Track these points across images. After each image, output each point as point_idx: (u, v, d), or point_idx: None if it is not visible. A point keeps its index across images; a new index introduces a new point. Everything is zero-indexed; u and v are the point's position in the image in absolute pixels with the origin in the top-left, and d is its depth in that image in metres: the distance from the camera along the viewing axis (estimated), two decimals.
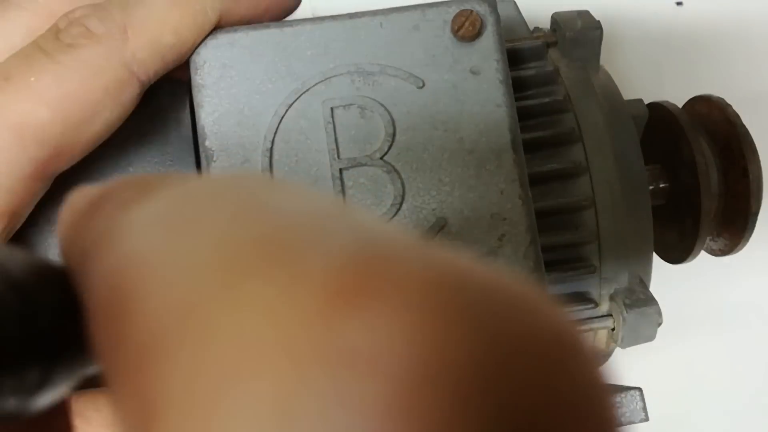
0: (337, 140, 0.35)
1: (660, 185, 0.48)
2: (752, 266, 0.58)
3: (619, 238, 0.42)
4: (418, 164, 0.34)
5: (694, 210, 0.46)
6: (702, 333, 0.61)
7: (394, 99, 0.35)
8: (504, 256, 0.34)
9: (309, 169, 0.34)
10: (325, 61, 0.35)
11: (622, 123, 0.44)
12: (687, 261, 0.48)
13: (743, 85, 0.59)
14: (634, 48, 0.59)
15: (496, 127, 0.35)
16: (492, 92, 0.35)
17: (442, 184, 0.34)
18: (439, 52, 0.35)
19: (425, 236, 0.34)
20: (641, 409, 0.41)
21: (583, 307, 0.42)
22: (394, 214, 0.34)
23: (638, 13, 0.59)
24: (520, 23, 0.46)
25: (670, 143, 0.47)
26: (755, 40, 0.61)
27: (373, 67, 0.35)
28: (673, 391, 0.59)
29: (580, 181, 0.42)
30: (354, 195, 0.34)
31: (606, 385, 0.12)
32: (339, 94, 0.35)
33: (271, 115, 0.35)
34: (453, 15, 0.35)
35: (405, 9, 0.36)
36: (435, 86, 0.35)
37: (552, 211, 0.41)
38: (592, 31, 0.43)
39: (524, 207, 0.34)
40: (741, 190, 0.46)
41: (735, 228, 0.47)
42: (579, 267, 0.42)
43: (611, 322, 0.43)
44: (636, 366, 0.52)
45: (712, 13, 0.60)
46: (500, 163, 0.34)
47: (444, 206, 0.34)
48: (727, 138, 0.47)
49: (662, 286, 0.46)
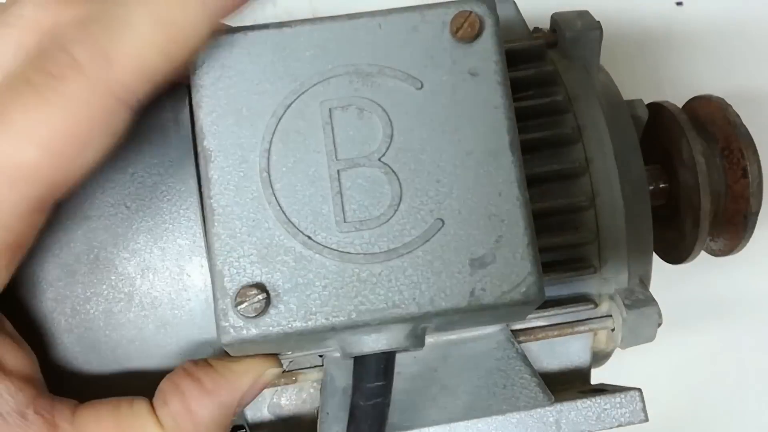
0: (335, 141, 0.35)
1: (660, 185, 0.48)
2: (752, 266, 0.58)
3: (619, 239, 0.42)
4: (416, 165, 0.34)
5: (694, 210, 0.46)
6: (702, 333, 0.61)
7: (393, 100, 0.35)
8: (501, 258, 0.34)
9: (307, 170, 0.34)
10: (324, 61, 0.35)
11: (622, 123, 0.44)
12: (687, 261, 0.48)
13: (743, 85, 0.59)
14: (634, 48, 0.59)
15: (494, 128, 0.35)
16: (490, 94, 0.35)
17: (440, 186, 0.34)
18: (438, 53, 0.35)
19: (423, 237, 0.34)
20: (641, 410, 0.41)
21: (583, 307, 0.42)
22: (392, 215, 0.34)
23: (638, 13, 0.59)
24: (520, 23, 0.46)
25: (670, 143, 0.47)
26: (755, 40, 0.61)
27: (371, 68, 0.35)
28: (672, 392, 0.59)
29: (580, 181, 0.42)
30: (352, 196, 0.34)
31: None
32: (337, 94, 0.35)
33: (269, 115, 0.35)
34: (452, 16, 0.35)
35: (404, 10, 0.36)
36: (433, 87, 0.35)
37: (552, 212, 0.42)
38: (592, 31, 0.44)
39: (522, 208, 0.34)
40: (741, 190, 0.46)
41: (735, 228, 0.47)
42: (579, 267, 0.42)
43: (611, 322, 0.43)
44: (636, 366, 0.52)
45: (712, 13, 0.60)
46: (498, 165, 0.34)
47: (442, 207, 0.34)
48: (727, 138, 0.47)
49: (662, 286, 0.46)
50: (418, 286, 0.34)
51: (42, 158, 0.31)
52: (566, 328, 0.43)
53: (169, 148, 0.38)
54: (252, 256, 0.34)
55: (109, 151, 0.33)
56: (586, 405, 0.41)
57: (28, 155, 0.31)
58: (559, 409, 0.40)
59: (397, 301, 0.34)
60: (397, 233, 0.34)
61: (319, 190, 0.34)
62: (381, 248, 0.34)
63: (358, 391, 0.37)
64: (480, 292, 0.34)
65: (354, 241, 0.34)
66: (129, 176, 0.38)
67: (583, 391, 0.42)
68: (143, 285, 0.37)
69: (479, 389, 0.41)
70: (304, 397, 0.42)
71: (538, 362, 0.43)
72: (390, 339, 0.35)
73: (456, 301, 0.34)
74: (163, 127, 0.38)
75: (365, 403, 0.37)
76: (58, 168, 0.32)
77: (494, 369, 0.41)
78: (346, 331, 0.34)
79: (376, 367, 0.37)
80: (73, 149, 0.32)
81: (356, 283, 0.34)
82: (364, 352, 0.36)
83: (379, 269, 0.34)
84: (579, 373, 0.44)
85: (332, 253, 0.34)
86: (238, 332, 0.33)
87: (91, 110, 0.31)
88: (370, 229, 0.34)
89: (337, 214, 0.34)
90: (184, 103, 0.39)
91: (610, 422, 0.41)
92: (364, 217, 0.34)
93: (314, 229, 0.34)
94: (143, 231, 0.37)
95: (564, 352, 0.44)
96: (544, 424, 0.40)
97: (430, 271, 0.34)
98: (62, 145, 0.31)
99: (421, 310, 0.34)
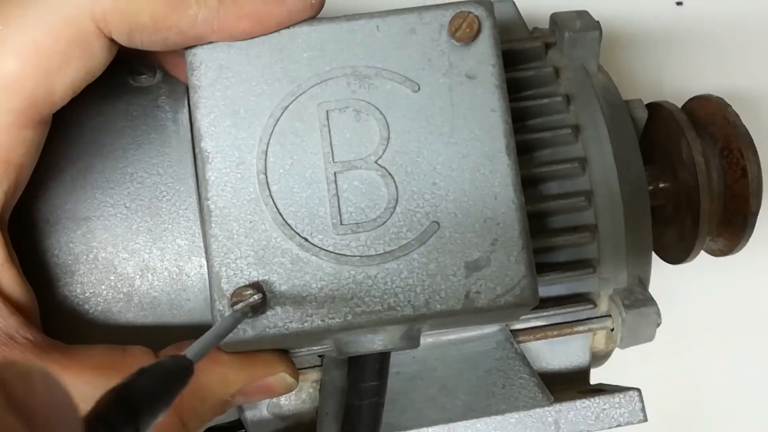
0: (332, 143, 0.35)
1: (660, 185, 0.48)
2: (752, 266, 0.58)
3: (618, 239, 0.42)
4: (412, 168, 0.35)
5: (693, 210, 0.46)
6: (701, 333, 0.61)
7: (390, 102, 0.35)
8: (496, 261, 0.34)
9: (304, 172, 0.35)
10: (322, 63, 0.35)
11: (622, 123, 0.44)
12: (687, 261, 0.48)
13: (743, 85, 0.59)
14: (634, 48, 0.59)
15: (490, 131, 0.35)
16: (487, 97, 0.35)
17: (436, 188, 0.34)
18: (435, 55, 0.35)
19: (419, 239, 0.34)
20: (640, 410, 0.41)
21: (582, 307, 0.42)
22: (388, 218, 0.34)
23: (638, 13, 0.59)
24: (520, 23, 0.46)
25: (669, 143, 0.47)
26: (755, 40, 0.61)
27: (369, 70, 0.35)
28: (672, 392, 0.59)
29: (579, 181, 0.42)
30: (348, 198, 0.34)
31: None
32: (335, 96, 0.35)
33: (266, 117, 0.35)
34: (450, 18, 0.35)
35: (402, 12, 0.36)
36: (430, 90, 0.35)
37: (551, 212, 0.42)
38: (591, 32, 0.43)
39: (518, 211, 0.34)
40: (740, 190, 0.46)
41: (735, 228, 0.47)
42: (578, 267, 0.42)
43: (610, 322, 0.43)
44: (635, 366, 0.52)
45: (712, 13, 0.60)
46: (494, 168, 0.34)
47: (437, 210, 0.34)
48: (727, 138, 0.46)
49: (662, 286, 0.46)
50: (413, 288, 0.34)
51: (23, 70, 0.32)
52: (565, 328, 0.43)
53: (169, 148, 0.38)
54: (249, 257, 0.34)
55: (89, 76, 0.34)
56: (585, 405, 0.41)
57: (8, 66, 0.32)
58: (558, 409, 0.40)
59: (393, 304, 0.34)
60: (393, 236, 0.34)
61: (315, 192, 0.34)
62: (377, 251, 0.34)
63: (353, 391, 0.37)
64: (475, 295, 0.34)
65: (350, 244, 0.34)
66: (128, 176, 0.38)
67: (582, 391, 0.42)
68: (142, 285, 0.37)
69: (478, 389, 0.41)
70: (304, 397, 0.42)
71: (537, 362, 0.43)
72: (385, 340, 0.35)
73: (451, 303, 0.34)
74: (162, 127, 0.39)
75: (360, 402, 0.37)
76: (39, 81, 0.33)
77: (493, 369, 0.41)
78: (342, 332, 0.34)
79: (371, 367, 0.37)
80: (53, 63, 0.33)
81: (352, 285, 0.34)
82: (360, 353, 0.36)
83: (375, 271, 0.34)
84: (578, 373, 0.44)
85: (328, 255, 0.34)
86: (234, 334, 0.33)
87: (70, 28, 0.32)
88: (366, 232, 0.34)
89: (334, 217, 0.34)
90: (183, 103, 0.39)
91: (609, 422, 0.41)
92: (360, 219, 0.34)
93: (311, 231, 0.34)
94: (142, 231, 0.38)
95: (563, 352, 0.43)
96: (543, 424, 0.40)
97: (425, 274, 0.34)
98: (41, 58, 0.32)
99: (416, 313, 0.34)
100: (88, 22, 0.33)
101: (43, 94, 0.33)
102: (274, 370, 0.37)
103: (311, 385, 0.42)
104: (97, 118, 0.38)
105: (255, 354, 0.37)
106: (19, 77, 0.32)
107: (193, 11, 0.33)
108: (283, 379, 0.37)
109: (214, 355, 0.36)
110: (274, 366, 0.37)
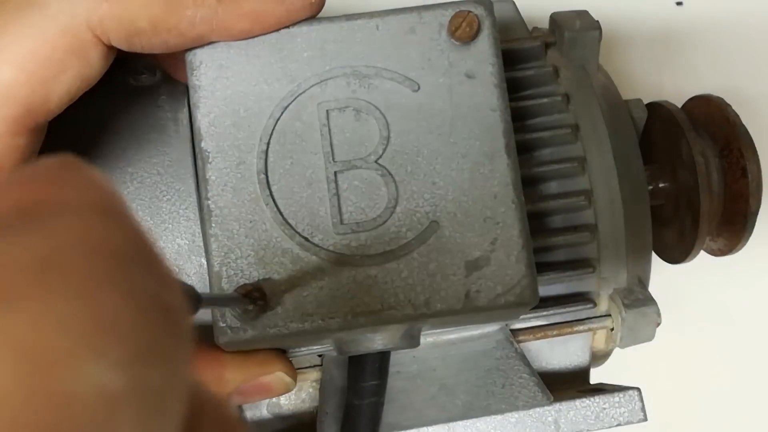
0: (332, 143, 0.35)
1: (660, 185, 0.47)
2: (752, 266, 0.58)
3: (618, 238, 0.42)
4: (412, 167, 0.35)
5: (693, 210, 0.46)
6: (701, 333, 0.61)
7: (390, 102, 0.35)
8: (496, 260, 0.34)
9: (304, 172, 0.35)
10: (321, 63, 0.35)
11: (622, 123, 0.44)
12: (687, 261, 0.48)
13: (743, 85, 0.59)
14: (634, 48, 0.59)
15: (490, 131, 0.35)
16: (487, 96, 0.35)
17: (436, 188, 0.34)
18: (435, 55, 0.35)
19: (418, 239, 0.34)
20: (640, 409, 0.41)
21: (582, 307, 0.42)
22: (388, 218, 0.34)
23: (638, 13, 0.59)
24: (519, 23, 0.46)
25: (669, 143, 0.47)
26: (755, 40, 0.61)
27: (368, 70, 0.35)
28: (672, 391, 0.59)
29: (579, 181, 0.42)
30: (348, 198, 0.34)
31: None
32: (334, 96, 0.35)
33: (266, 116, 0.35)
34: (449, 17, 0.35)
35: (401, 11, 0.36)
36: (430, 90, 0.35)
37: (551, 212, 0.42)
38: (591, 31, 0.43)
39: (517, 211, 0.34)
40: (740, 190, 0.46)
41: (734, 228, 0.47)
42: (578, 267, 0.42)
43: (610, 322, 0.43)
44: (635, 366, 0.52)
45: (712, 13, 0.60)
46: (494, 167, 0.35)
47: (437, 209, 0.34)
48: (727, 138, 0.46)
49: (662, 286, 0.46)
50: (413, 288, 0.34)
51: (17, 78, 0.32)
52: (565, 327, 0.43)
53: (169, 147, 0.38)
54: (249, 257, 0.34)
55: (85, 84, 0.34)
56: (585, 404, 0.41)
57: (3, 74, 0.32)
58: (558, 409, 0.40)
59: (393, 303, 0.34)
60: (393, 235, 0.34)
61: (316, 192, 0.34)
62: (377, 250, 0.34)
63: (353, 390, 0.37)
64: (475, 294, 0.34)
65: (350, 243, 0.34)
66: (128, 176, 0.38)
67: (582, 390, 0.42)
68: None
69: (478, 389, 0.41)
70: (304, 396, 0.42)
71: (537, 362, 0.43)
72: (385, 339, 0.35)
73: (451, 303, 0.34)
74: (162, 127, 0.39)
75: (360, 402, 0.37)
76: (34, 89, 0.32)
77: (493, 368, 0.41)
78: (342, 332, 0.34)
79: (371, 366, 0.37)
80: (48, 72, 0.32)
81: (352, 285, 0.34)
82: (360, 352, 0.36)
83: (375, 271, 0.34)
84: (578, 373, 0.44)
85: (329, 254, 0.34)
86: (235, 333, 0.33)
87: (66, 37, 0.32)
88: (367, 231, 0.34)
89: (334, 216, 0.34)
90: (183, 103, 0.39)
91: (609, 422, 0.41)
92: (360, 219, 0.34)
93: (311, 231, 0.34)
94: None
95: (563, 352, 0.43)
96: (543, 424, 0.40)
97: (425, 274, 0.34)
98: (37, 67, 0.32)
99: (416, 312, 0.34)
100: (85, 31, 0.32)
101: (39, 102, 0.33)
102: (271, 369, 0.37)
103: (311, 384, 0.42)
104: (97, 118, 0.38)
105: (252, 353, 0.37)
106: (14, 85, 0.32)
107: (191, 12, 0.33)
108: (280, 379, 0.37)
109: (211, 354, 0.36)
110: (271, 365, 0.37)
